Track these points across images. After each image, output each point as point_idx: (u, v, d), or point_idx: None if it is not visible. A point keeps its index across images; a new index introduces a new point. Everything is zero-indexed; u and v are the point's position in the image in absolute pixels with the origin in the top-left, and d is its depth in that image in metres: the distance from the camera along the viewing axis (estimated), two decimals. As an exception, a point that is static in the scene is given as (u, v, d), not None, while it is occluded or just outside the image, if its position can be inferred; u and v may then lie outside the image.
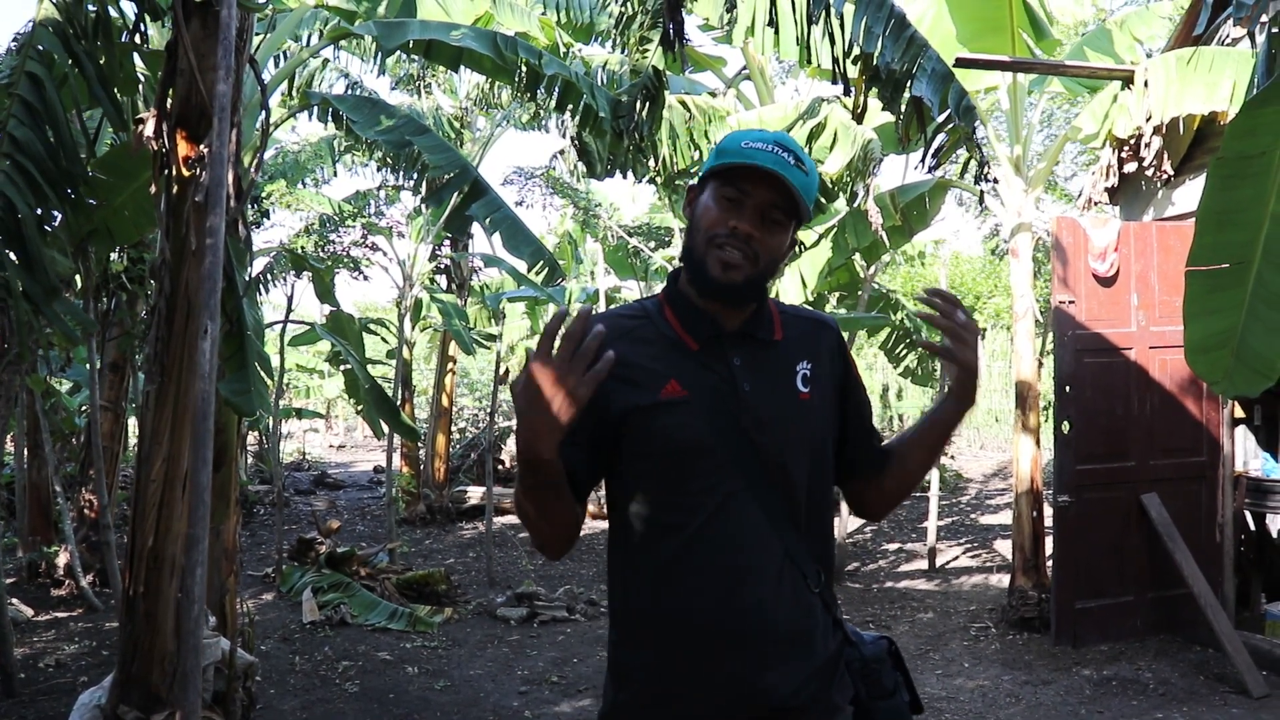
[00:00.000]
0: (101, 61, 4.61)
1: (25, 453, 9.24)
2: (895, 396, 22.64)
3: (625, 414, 1.87)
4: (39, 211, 4.33)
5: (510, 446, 17.07)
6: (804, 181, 1.87)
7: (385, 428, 9.92)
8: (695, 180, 2.01)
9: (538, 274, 6.99)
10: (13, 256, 4.23)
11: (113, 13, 4.72)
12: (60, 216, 4.89)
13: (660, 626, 1.88)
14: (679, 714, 1.88)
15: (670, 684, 1.87)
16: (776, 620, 1.85)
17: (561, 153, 15.37)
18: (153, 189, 4.51)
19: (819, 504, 1.96)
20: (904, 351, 12.00)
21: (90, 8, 4.55)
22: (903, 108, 5.35)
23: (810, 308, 2.17)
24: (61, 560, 8.75)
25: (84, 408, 9.83)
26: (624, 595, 1.97)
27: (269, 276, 12.87)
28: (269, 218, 12.17)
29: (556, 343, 1.67)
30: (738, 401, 1.88)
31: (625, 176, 7.44)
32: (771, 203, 1.86)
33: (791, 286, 9.08)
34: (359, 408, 9.72)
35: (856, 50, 5.17)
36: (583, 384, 1.67)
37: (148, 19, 4.79)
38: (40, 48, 4.34)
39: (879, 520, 2.29)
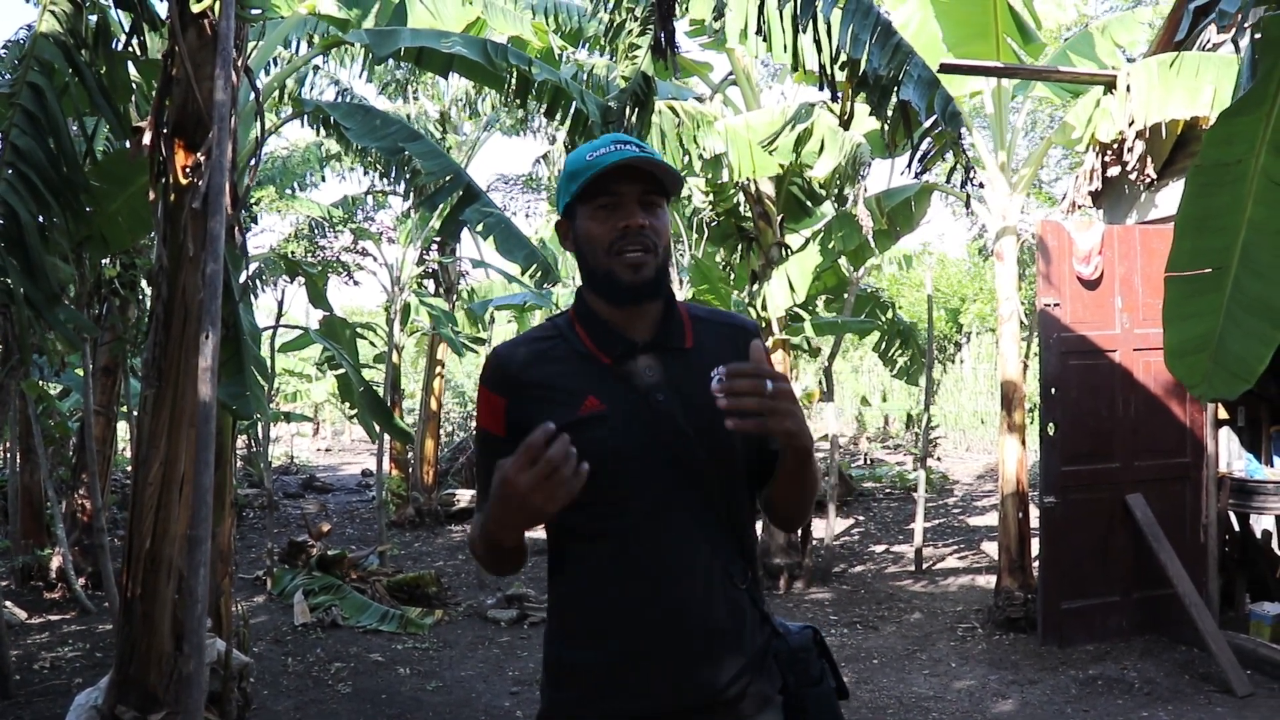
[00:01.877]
0: (103, 71, 4.66)
1: (18, 457, 9.26)
2: (880, 399, 22.73)
3: None
4: (40, 219, 4.37)
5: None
6: (659, 161, 1.94)
7: (379, 430, 9.96)
8: (559, 217, 2.06)
9: (531, 276, 7.03)
10: (15, 263, 4.27)
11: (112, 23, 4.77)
12: (59, 223, 4.93)
13: (594, 628, 1.94)
14: (615, 711, 1.93)
15: (605, 682, 1.93)
16: (706, 617, 1.91)
17: (544, 157, 15.41)
18: (150, 196, 4.56)
19: (741, 504, 2.00)
20: (897, 353, 12.07)
21: (91, 19, 4.59)
22: (890, 113, 5.42)
23: (727, 311, 2.19)
24: (54, 563, 8.77)
25: (76, 412, 9.84)
26: (559, 599, 2.03)
27: (259, 281, 12.88)
28: (257, 223, 12.19)
29: (536, 460, 1.66)
30: (652, 412, 1.92)
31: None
32: (644, 190, 1.93)
33: (779, 291, 9.15)
34: (353, 411, 9.75)
35: (844, 57, 5.23)
36: (556, 500, 1.68)
37: (145, 28, 4.84)
38: (42, 59, 4.38)
39: (789, 531, 2.29)
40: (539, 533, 2.04)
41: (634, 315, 1.97)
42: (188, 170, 4.45)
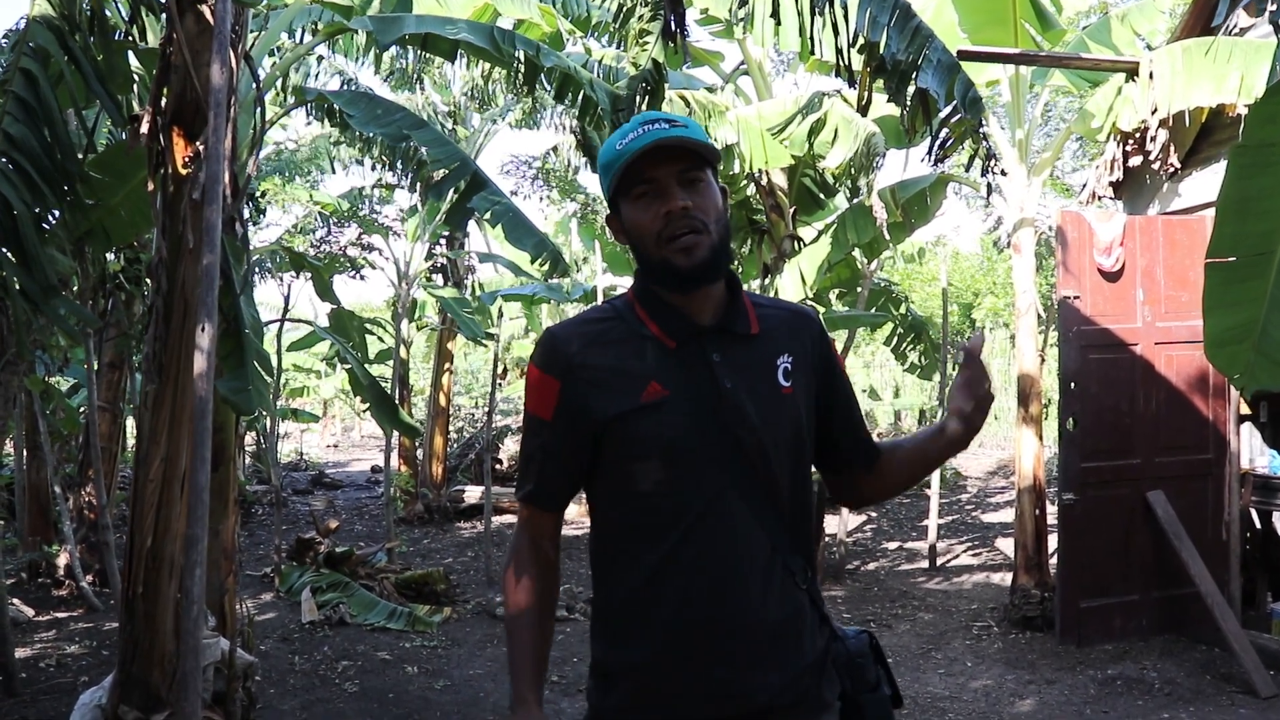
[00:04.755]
0: (99, 58, 4.55)
1: (24, 453, 9.20)
2: (893, 395, 22.61)
3: (609, 421, 1.86)
4: (36, 209, 4.27)
5: (507, 446, 17.02)
6: (690, 133, 1.84)
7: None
8: (607, 215, 2.00)
9: (540, 265, 6.92)
10: (9, 255, 4.17)
11: (108, 10, 4.67)
12: (58, 215, 4.83)
13: (648, 627, 1.87)
14: (667, 716, 1.87)
15: (659, 685, 1.86)
16: (765, 618, 1.84)
17: (555, 149, 15.32)
18: (149, 187, 4.46)
19: (801, 499, 1.94)
20: (908, 347, 11.94)
21: (85, 6, 4.49)
22: (908, 100, 5.28)
23: (786, 300, 2.12)
24: (62, 560, 8.72)
25: (83, 408, 9.79)
26: (610, 595, 1.96)
27: (262, 271, 12.81)
28: (265, 216, 12.11)
29: None
30: (720, 399, 1.85)
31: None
32: (680, 169, 1.84)
33: (791, 283, 9.02)
34: (364, 407, 9.68)
35: (861, 40, 5.10)
36: None
37: (144, 15, 4.74)
38: (34, 44, 4.27)
39: (865, 506, 2.27)
40: (581, 527, 1.99)
41: (698, 298, 1.89)
42: (187, 160, 4.35)
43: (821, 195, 10.00)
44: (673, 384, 1.85)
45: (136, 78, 5.98)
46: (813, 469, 2.03)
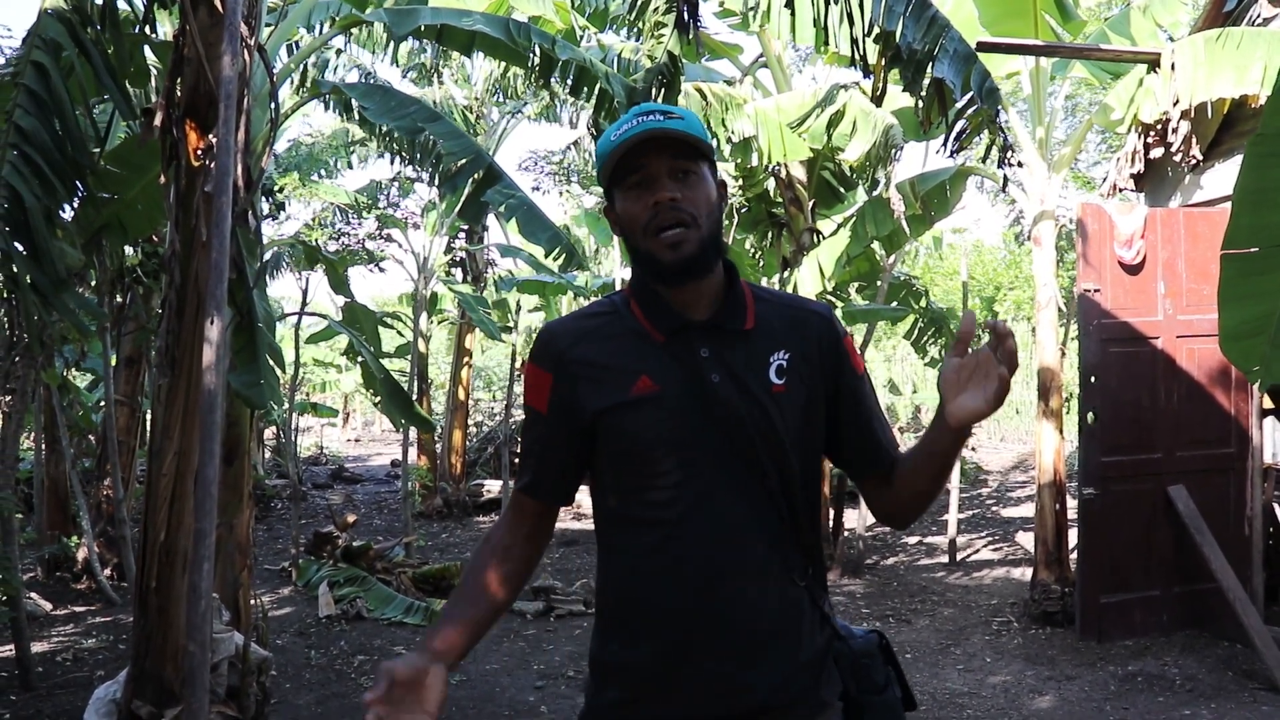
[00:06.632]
0: (110, 51, 4.55)
1: (43, 448, 9.25)
2: (912, 389, 22.51)
3: (598, 415, 1.84)
4: (47, 202, 4.26)
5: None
6: (684, 125, 1.81)
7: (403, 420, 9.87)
8: (604, 206, 1.97)
9: (555, 259, 6.90)
10: (20, 248, 4.16)
11: (121, 2, 4.67)
12: (71, 208, 4.83)
13: (640, 625, 1.85)
14: (661, 714, 1.84)
15: (650, 682, 1.83)
16: (758, 616, 1.80)
17: (576, 144, 15.30)
18: (162, 180, 4.46)
19: (803, 496, 1.89)
20: (929, 341, 11.86)
21: (97, -2, 4.49)
22: (924, 90, 5.23)
23: (797, 295, 2.06)
24: (80, 555, 8.76)
25: (101, 403, 9.84)
26: (605, 592, 1.94)
27: (280, 266, 12.83)
28: (284, 210, 12.12)
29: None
30: (706, 394, 1.82)
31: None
32: (671, 160, 1.81)
33: (809, 276, 8.97)
34: (377, 400, 9.68)
35: (877, 30, 5.05)
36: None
37: (158, 10, 4.73)
38: (46, 36, 4.27)
39: (902, 527, 2.16)
40: (569, 523, 1.97)
41: (690, 292, 1.86)
42: (199, 153, 4.35)
43: (840, 188, 9.95)
44: (663, 379, 1.83)
45: (154, 71, 6.00)
46: (822, 467, 1.99)
